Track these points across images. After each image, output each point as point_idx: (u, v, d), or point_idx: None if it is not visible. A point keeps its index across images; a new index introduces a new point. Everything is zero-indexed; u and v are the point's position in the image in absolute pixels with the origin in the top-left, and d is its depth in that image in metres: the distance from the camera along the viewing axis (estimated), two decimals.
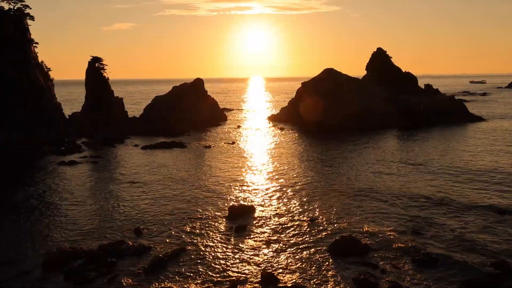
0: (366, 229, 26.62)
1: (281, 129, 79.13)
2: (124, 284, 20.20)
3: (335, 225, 27.51)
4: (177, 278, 20.68)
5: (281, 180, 39.71)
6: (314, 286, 19.71)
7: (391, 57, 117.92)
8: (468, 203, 31.17)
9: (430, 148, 54.64)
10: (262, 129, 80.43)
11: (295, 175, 41.76)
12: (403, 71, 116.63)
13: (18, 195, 36.18)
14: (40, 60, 72.79)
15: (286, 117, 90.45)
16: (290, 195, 34.86)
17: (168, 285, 19.95)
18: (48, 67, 75.05)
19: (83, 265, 21.85)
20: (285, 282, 20.06)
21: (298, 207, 31.47)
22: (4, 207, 32.88)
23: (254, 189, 36.96)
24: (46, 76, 73.30)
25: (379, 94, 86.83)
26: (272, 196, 34.80)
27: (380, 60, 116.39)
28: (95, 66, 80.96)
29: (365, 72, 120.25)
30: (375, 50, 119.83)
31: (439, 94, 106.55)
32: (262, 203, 32.92)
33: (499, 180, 37.71)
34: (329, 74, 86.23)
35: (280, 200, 33.42)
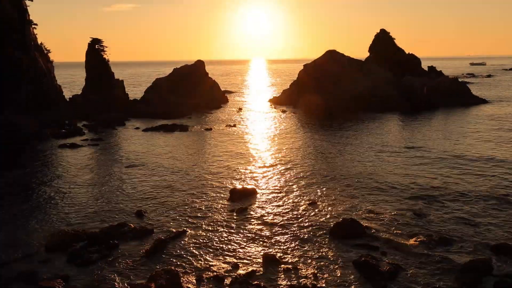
0: (367, 212, 26.67)
1: (283, 111, 78.66)
2: (126, 266, 20.35)
3: (336, 208, 27.55)
4: (179, 260, 20.80)
5: (282, 163, 39.67)
6: (315, 268, 19.81)
7: (395, 39, 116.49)
8: (470, 188, 31.10)
9: (432, 132, 54.34)
10: (264, 112, 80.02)
11: (296, 158, 41.69)
12: (406, 52, 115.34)
13: (18, 178, 36.27)
14: (39, 42, 72.07)
15: (288, 100, 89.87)
16: (291, 178, 34.85)
17: (170, 267, 20.06)
18: (47, 48, 74.39)
19: (85, 247, 22.02)
20: (286, 264, 20.18)
21: (299, 190, 31.49)
22: (4, 190, 32.96)
23: (255, 172, 36.95)
24: (46, 58, 72.65)
25: (382, 76, 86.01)
26: (273, 179, 34.81)
27: (383, 42, 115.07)
28: (95, 48, 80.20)
29: (368, 54, 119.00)
30: (378, 31, 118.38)
31: (442, 76, 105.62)
32: (263, 186, 32.94)
33: (502, 165, 37.54)
34: (331, 56, 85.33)
35: (281, 183, 33.43)
